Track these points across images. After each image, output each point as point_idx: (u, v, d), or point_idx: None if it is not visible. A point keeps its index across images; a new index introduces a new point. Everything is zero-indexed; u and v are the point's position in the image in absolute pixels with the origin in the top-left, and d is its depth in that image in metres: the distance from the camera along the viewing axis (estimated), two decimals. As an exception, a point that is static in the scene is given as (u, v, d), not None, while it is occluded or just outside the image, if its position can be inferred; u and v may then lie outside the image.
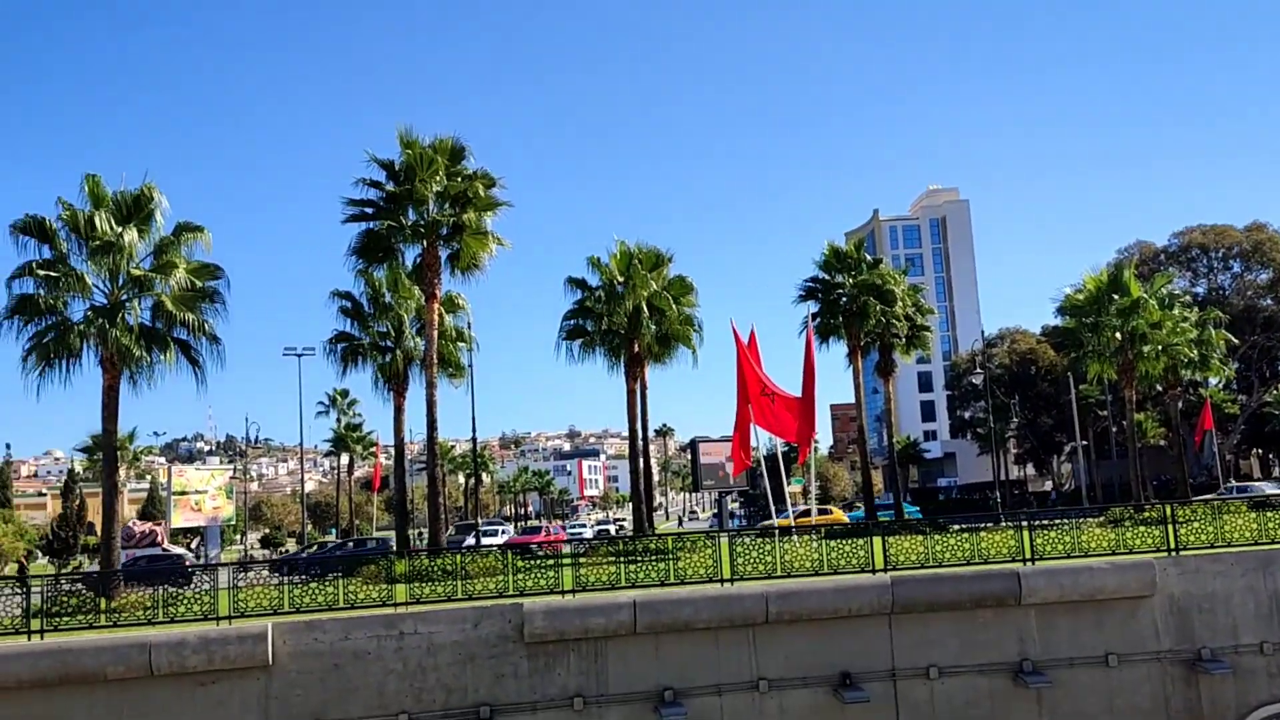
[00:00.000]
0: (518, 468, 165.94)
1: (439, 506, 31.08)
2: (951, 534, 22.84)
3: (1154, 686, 19.74)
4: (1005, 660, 19.50)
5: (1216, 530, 21.47)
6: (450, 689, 18.13)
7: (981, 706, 19.32)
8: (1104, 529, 25.16)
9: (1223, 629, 20.00)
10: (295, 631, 17.90)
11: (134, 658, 17.09)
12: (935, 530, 25.65)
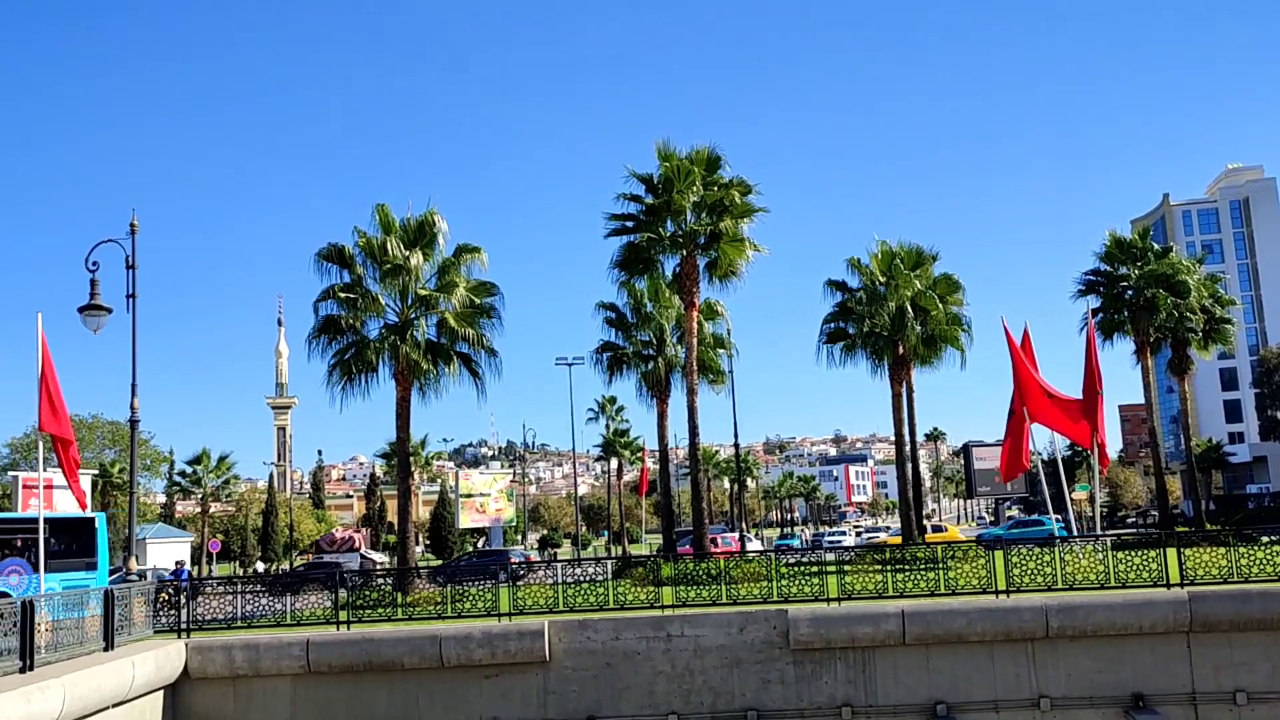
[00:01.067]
0: (782, 473, 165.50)
1: (702, 511, 31.54)
2: (1261, 546, 20.74)
3: None
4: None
5: None
6: (718, 692, 18.35)
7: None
8: None
9: None
10: (569, 630, 18.69)
11: (426, 649, 18.41)
12: (1241, 542, 23.36)
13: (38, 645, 15.27)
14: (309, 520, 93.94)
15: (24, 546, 25.68)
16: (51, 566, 24.22)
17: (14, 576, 25.03)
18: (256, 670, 18.46)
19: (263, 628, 20.67)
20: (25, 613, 15.13)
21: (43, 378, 18.93)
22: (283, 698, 18.50)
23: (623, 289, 34.81)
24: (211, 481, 75.91)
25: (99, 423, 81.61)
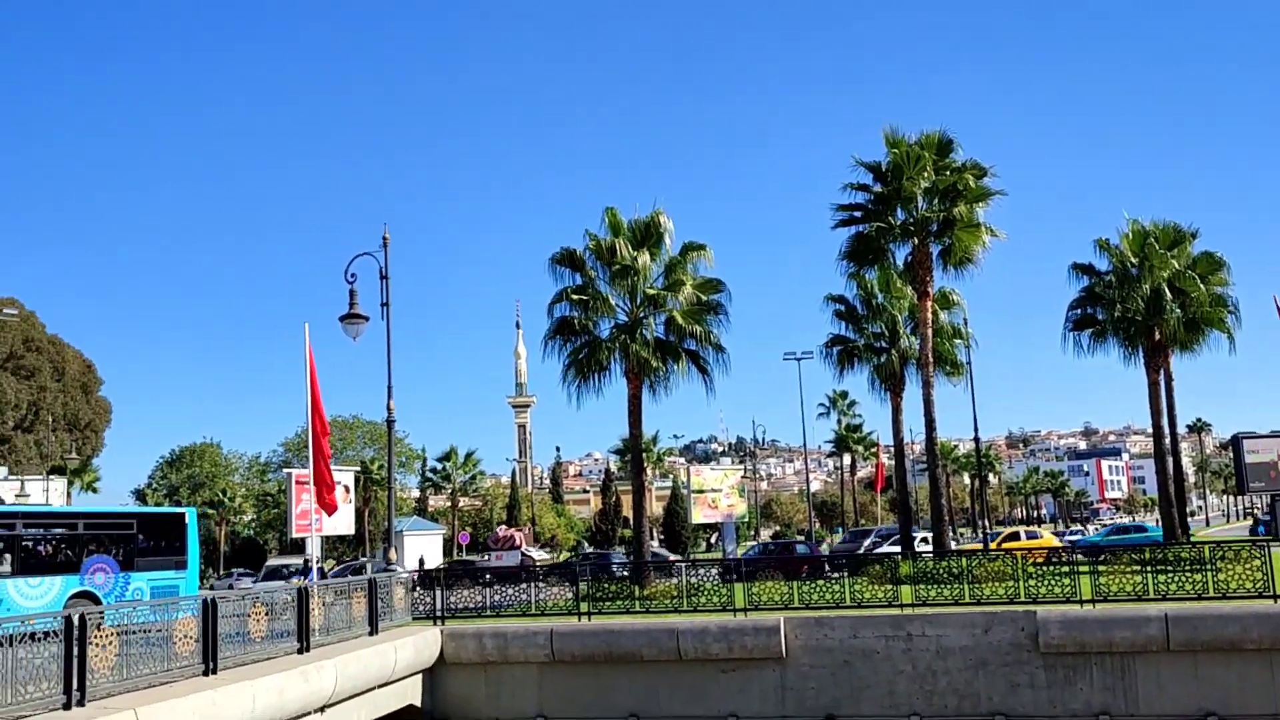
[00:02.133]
0: (1027, 468, 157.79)
1: (941, 508, 30.50)
2: None
3: None
4: None
5: None
6: (962, 694, 17.71)
7: None
8: None
9: None
10: (805, 627, 18.53)
11: (664, 642, 18.74)
12: None
13: (311, 629, 16.59)
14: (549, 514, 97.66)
15: (112, 543, 24.12)
16: (141, 565, 24.09)
17: (100, 575, 23.40)
18: (505, 657, 19.35)
19: (509, 617, 21.67)
20: (302, 599, 16.49)
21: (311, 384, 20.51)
22: (530, 684, 19.31)
23: (852, 280, 34.11)
24: (459, 477, 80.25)
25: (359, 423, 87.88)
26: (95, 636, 11.65)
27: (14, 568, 21.71)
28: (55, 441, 74.77)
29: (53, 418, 76.09)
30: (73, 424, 78.72)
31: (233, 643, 14.70)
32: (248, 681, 13.58)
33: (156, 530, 25.68)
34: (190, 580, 25.63)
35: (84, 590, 22.77)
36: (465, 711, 19.51)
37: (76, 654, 11.36)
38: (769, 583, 21.09)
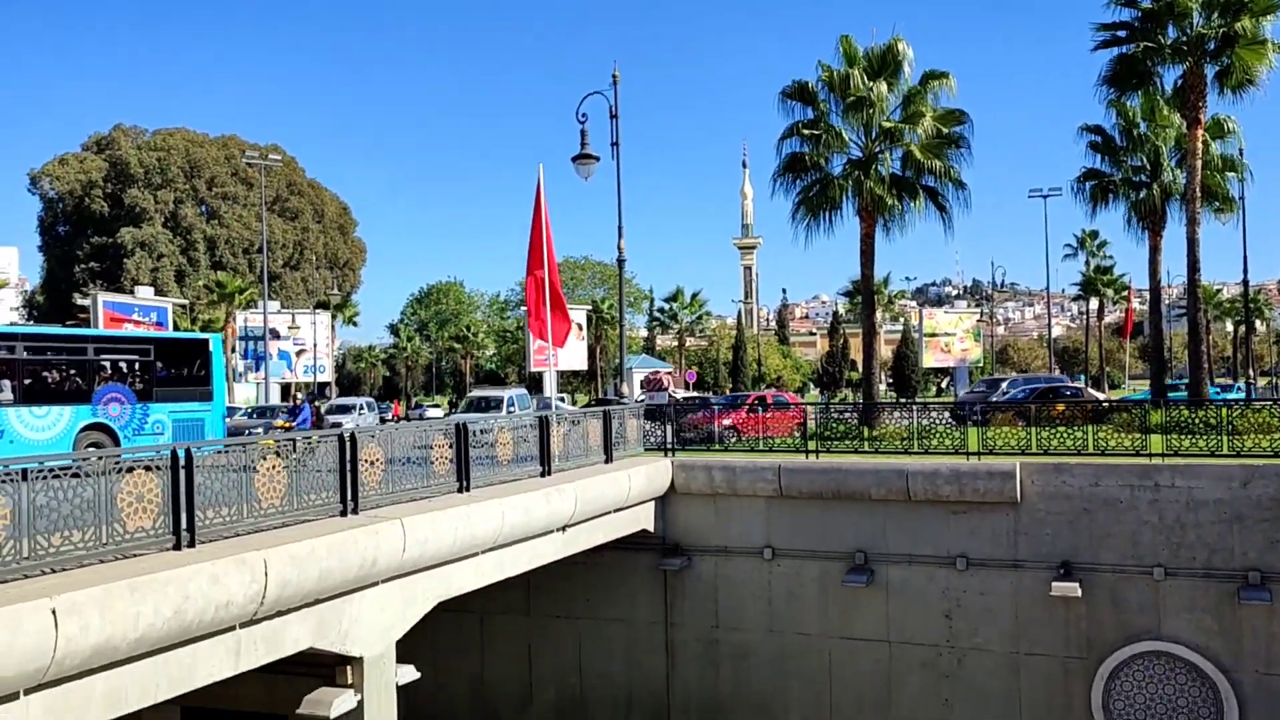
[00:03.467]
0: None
1: (1200, 355, 28.48)
2: None
3: None
4: None
5: None
6: (1213, 549, 16.85)
7: None
8: None
9: None
10: (1043, 473, 18.00)
11: (893, 482, 18.70)
12: None
13: (552, 455, 17.56)
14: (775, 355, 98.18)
15: (128, 371, 22.01)
16: (160, 395, 22.16)
17: (114, 406, 21.31)
18: (733, 490, 19.90)
19: (737, 452, 22.17)
20: (543, 428, 17.44)
21: (540, 223, 20.98)
22: (757, 516, 19.84)
23: (1110, 108, 31.37)
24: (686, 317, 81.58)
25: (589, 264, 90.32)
26: (365, 452, 12.77)
27: (17, 396, 19.55)
28: (319, 279, 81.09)
29: (315, 256, 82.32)
30: (333, 262, 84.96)
31: (482, 465, 15.80)
32: (497, 500, 14.62)
33: (177, 358, 23.53)
34: (216, 414, 23.64)
35: (97, 422, 20.90)
36: (694, 539, 20.34)
37: (350, 470, 12.51)
38: (1004, 428, 20.52)
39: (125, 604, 8.48)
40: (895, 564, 18.84)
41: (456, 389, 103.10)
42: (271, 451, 11.46)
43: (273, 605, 10.27)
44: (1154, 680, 17.19)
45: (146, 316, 45.75)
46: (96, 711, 8.75)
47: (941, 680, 18.51)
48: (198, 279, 72.95)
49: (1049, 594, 17.42)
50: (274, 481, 11.30)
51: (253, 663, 10.46)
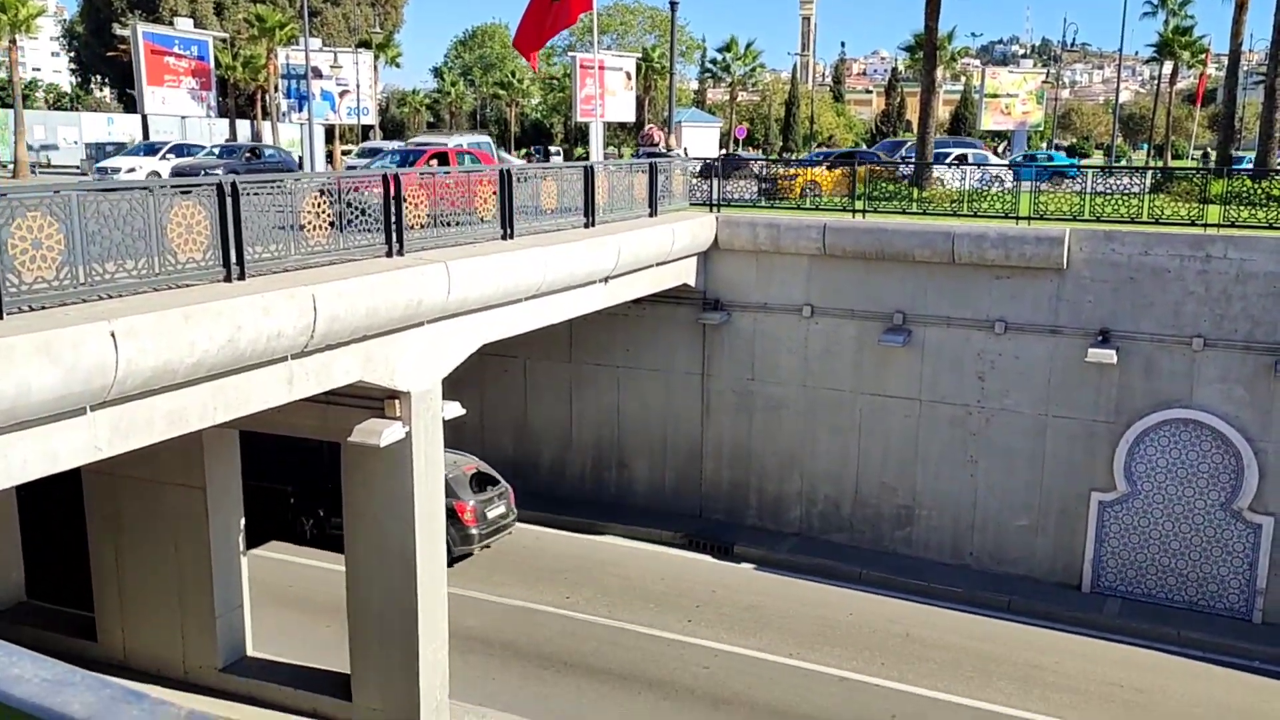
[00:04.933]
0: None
1: (1273, 123, 27.24)
2: None
3: None
4: None
5: None
6: (1256, 321, 16.76)
7: None
8: None
9: None
10: (1093, 240, 17.74)
11: (938, 244, 18.54)
12: None
13: (596, 206, 17.48)
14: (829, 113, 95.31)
15: None
16: None
17: None
18: (777, 247, 19.86)
19: (783, 210, 21.96)
20: (588, 178, 17.27)
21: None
22: (799, 274, 19.89)
23: None
24: (739, 69, 78.64)
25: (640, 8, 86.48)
26: (408, 193, 12.80)
27: None
28: (360, 14, 78.61)
29: (356, -8, 79.36)
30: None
31: (526, 214, 15.79)
32: (540, 249, 14.72)
33: None
34: None
35: None
36: (736, 294, 20.52)
37: (395, 211, 12.59)
38: (1057, 194, 20.07)
39: (180, 330, 8.81)
40: (933, 325, 18.98)
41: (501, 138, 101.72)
42: (315, 190, 11.50)
43: (322, 339, 10.63)
44: (1179, 445, 17.56)
45: (187, 50, 44.94)
46: (159, 429, 9.28)
47: (969, 438, 19.03)
48: (237, 12, 71.04)
49: (1084, 360, 17.57)
50: (320, 219, 11.43)
51: (305, 392, 10.94)
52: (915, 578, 18.93)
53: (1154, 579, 18.01)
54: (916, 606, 18.04)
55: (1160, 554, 17.90)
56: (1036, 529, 18.78)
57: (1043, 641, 16.80)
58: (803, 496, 20.67)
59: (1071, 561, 18.58)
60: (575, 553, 20.14)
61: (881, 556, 19.80)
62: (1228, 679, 15.71)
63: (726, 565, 19.88)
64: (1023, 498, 18.81)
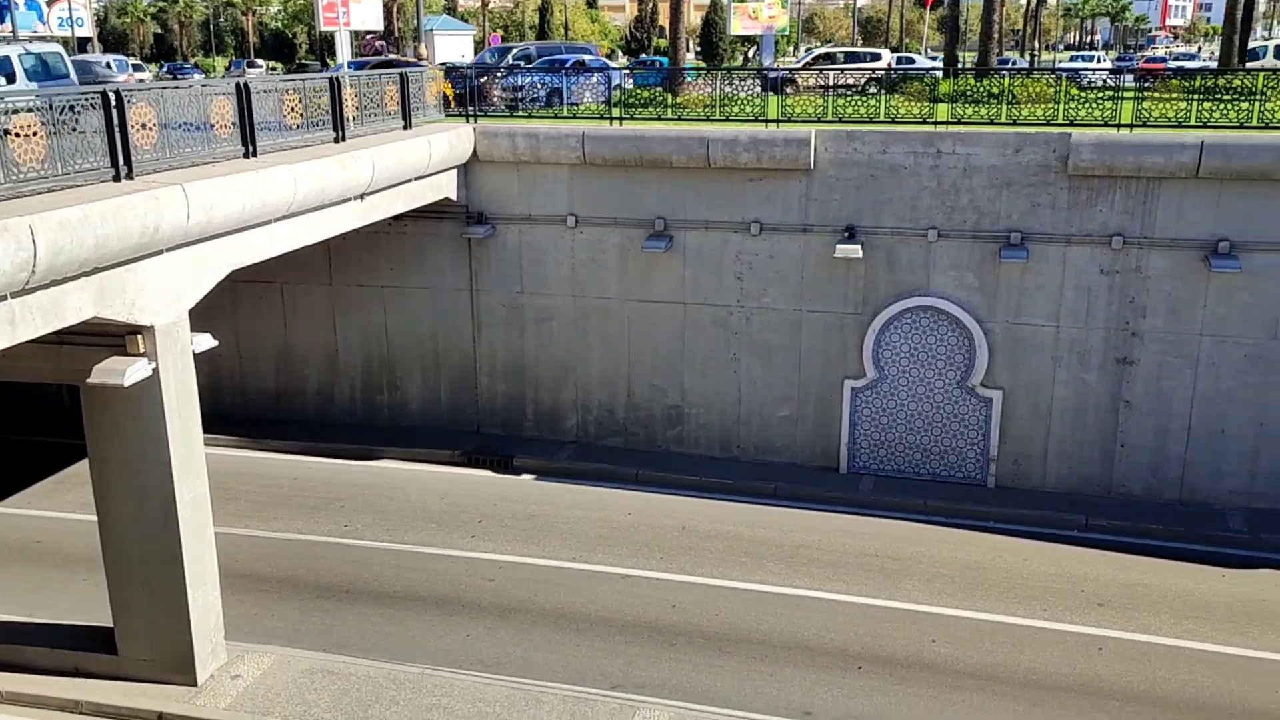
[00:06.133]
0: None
1: (992, 25, 29.21)
2: None
3: None
4: None
5: None
6: (983, 211, 18.12)
7: None
8: None
9: None
10: (836, 140, 18.56)
11: (694, 149, 18.91)
12: None
13: (346, 119, 16.72)
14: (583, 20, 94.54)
15: None
16: None
17: None
18: (537, 158, 19.69)
19: (541, 118, 21.76)
20: (334, 89, 16.44)
21: None
22: (561, 184, 19.85)
23: None
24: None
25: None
26: (135, 113, 11.79)
27: None
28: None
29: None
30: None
31: (270, 130, 14.90)
32: (287, 166, 13.97)
33: None
34: None
35: None
36: (499, 207, 20.27)
37: (120, 131, 11.58)
38: (803, 96, 20.84)
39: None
40: (693, 230, 19.46)
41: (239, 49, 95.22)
42: (25, 108, 10.40)
43: (46, 274, 9.74)
44: (919, 331, 18.92)
45: None
46: None
47: (731, 337, 19.79)
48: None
49: (833, 256, 18.51)
50: (31, 142, 10.37)
51: (32, 333, 10.05)
52: (688, 474, 19.71)
53: (902, 455, 19.50)
54: (691, 501, 18.81)
55: (906, 432, 19.38)
56: (797, 418, 19.88)
57: (807, 523, 17.93)
58: (578, 405, 20.98)
59: (829, 446, 19.83)
60: (351, 480, 19.72)
61: (656, 457, 20.46)
62: (968, 540, 17.32)
63: (507, 478, 20.01)
64: (783, 390, 19.82)
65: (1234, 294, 17.32)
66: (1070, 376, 18.39)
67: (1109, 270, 17.79)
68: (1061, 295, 18.10)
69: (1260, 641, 14.16)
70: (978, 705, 12.74)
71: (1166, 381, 17.98)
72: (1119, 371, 18.15)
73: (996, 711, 12.63)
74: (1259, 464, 17.87)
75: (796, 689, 13.10)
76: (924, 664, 13.62)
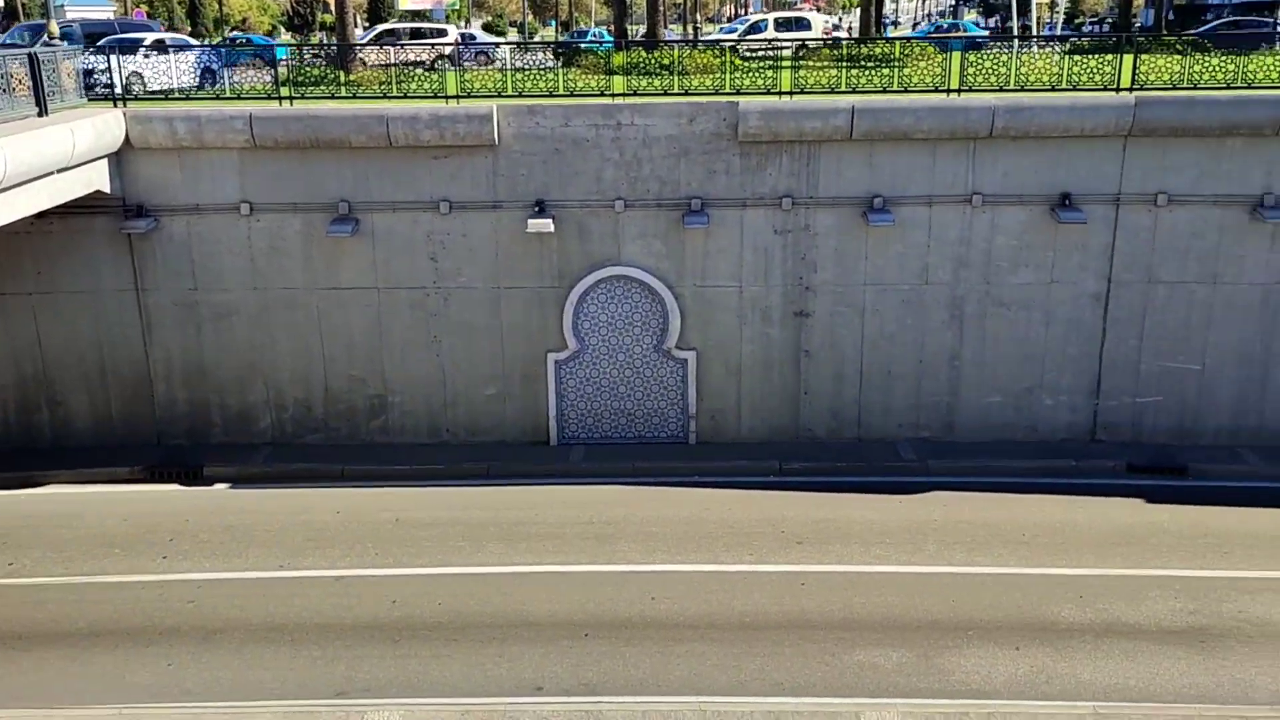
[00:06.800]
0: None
1: (657, 1, 30.16)
2: (1214, 55, 20.63)
3: None
4: (1246, 193, 18.35)
5: None
6: (664, 180, 18.72)
7: (1208, 237, 18.59)
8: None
9: None
10: (518, 115, 18.51)
11: (374, 128, 18.24)
12: (1195, 50, 23.18)
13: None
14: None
15: None
16: None
17: None
18: (201, 142, 18.29)
19: (202, 100, 20.23)
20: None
21: None
22: (230, 169, 18.55)
23: None
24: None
25: None
26: None
27: None
28: None
29: None
30: None
31: None
32: (-105, 164, 12.13)
33: None
34: None
35: None
36: (162, 198, 18.67)
37: None
38: (482, 71, 20.62)
39: None
40: (380, 211, 18.82)
41: None
42: None
43: None
44: (614, 300, 19.35)
45: None
46: None
47: (430, 319, 19.37)
48: None
49: (526, 231, 18.52)
50: None
51: None
52: (398, 463, 19.17)
53: (609, 422, 19.93)
54: (403, 491, 18.32)
55: (611, 399, 19.81)
56: (504, 396, 19.81)
57: (523, 499, 17.94)
58: (270, 404, 19.82)
59: (538, 420, 19.93)
60: (14, 512, 17.63)
61: (362, 449, 19.75)
62: (676, 496, 17.99)
63: (198, 490, 18.62)
64: (487, 369, 19.67)
65: (889, 245, 18.95)
66: (756, 333, 19.47)
67: (781, 230, 18.93)
68: (742, 257, 19.08)
69: (935, 557, 15.70)
70: (699, 653, 13.27)
71: (839, 330, 19.44)
72: (798, 324, 19.42)
73: (717, 656, 13.22)
74: (921, 398, 19.75)
75: (527, 665, 13.10)
76: (647, 622, 14.03)
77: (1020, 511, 17.17)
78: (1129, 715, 11.78)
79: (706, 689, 12.56)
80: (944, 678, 12.73)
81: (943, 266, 19.02)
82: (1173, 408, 19.55)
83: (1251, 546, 15.86)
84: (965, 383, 19.61)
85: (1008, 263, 18.94)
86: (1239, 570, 15.15)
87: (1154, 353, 19.27)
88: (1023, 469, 18.76)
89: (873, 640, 13.51)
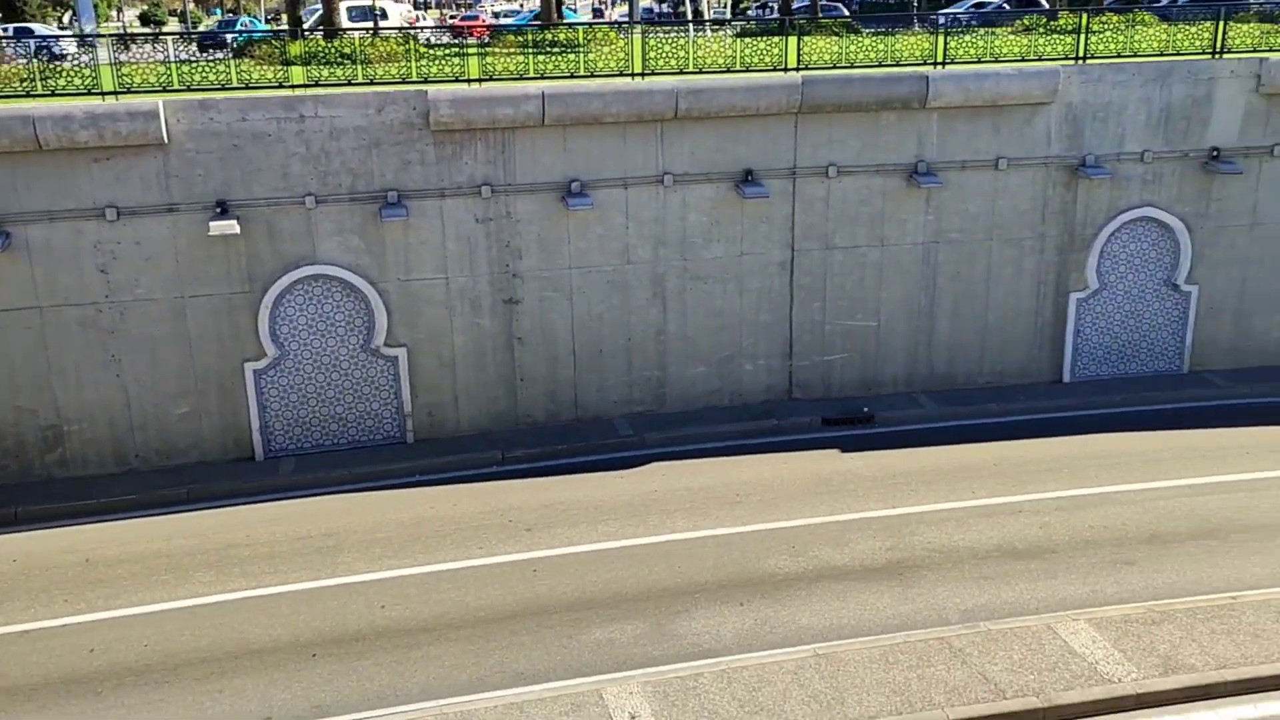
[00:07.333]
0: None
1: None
2: (866, 36, 22.46)
3: (1036, 189, 20.80)
4: (902, 162, 20.12)
5: (1125, 41, 21.50)
6: (356, 174, 18.07)
7: (874, 204, 20.23)
8: (1018, 36, 24.99)
9: (1111, 137, 20.73)
10: (189, 110, 17.23)
11: (18, 131, 16.39)
12: (849, 32, 25.14)
13: None
14: None
15: None
16: None
17: None
18: None
19: None
20: None
21: None
22: None
23: None
24: None
25: None
26: None
27: None
28: None
29: None
30: None
31: None
32: None
33: None
34: None
35: None
36: None
37: None
38: (142, 64, 18.98)
39: None
40: (34, 223, 16.98)
41: None
42: None
43: None
44: (314, 301, 18.49)
45: None
46: None
47: (107, 337, 17.73)
48: None
49: (208, 234, 17.30)
50: None
51: None
52: (83, 499, 17.43)
53: (320, 429, 19.07)
54: (91, 528, 16.69)
55: (319, 405, 18.95)
56: (199, 413, 18.48)
57: (231, 521, 16.84)
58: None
59: (240, 435, 18.76)
60: None
61: (38, 487, 17.82)
62: (398, 498, 17.52)
63: None
64: (177, 385, 18.27)
65: (590, 228, 19.27)
66: (466, 324, 19.25)
67: (483, 219, 18.79)
68: (445, 247, 18.77)
69: (658, 527, 16.20)
70: (436, 656, 13.00)
71: (549, 314, 19.58)
72: (508, 311, 19.37)
73: (455, 656, 13.00)
74: (633, 374, 20.29)
75: (252, 697, 12.32)
76: (379, 632, 13.57)
77: (733, 473, 18.05)
78: (844, 652, 12.67)
79: (446, 691, 12.32)
80: (678, 642, 13.17)
81: (642, 246, 19.58)
82: (856, 362, 21.22)
83: (932, 481, 17.52)
84: (672, 356, 20.34)
85: (701, 238, 19.78)
86: (924, 505, 16.69)
87: (836, 313, 20.80)
88: (731, 432, 19.75)
89: (607, 616, 13.76)
